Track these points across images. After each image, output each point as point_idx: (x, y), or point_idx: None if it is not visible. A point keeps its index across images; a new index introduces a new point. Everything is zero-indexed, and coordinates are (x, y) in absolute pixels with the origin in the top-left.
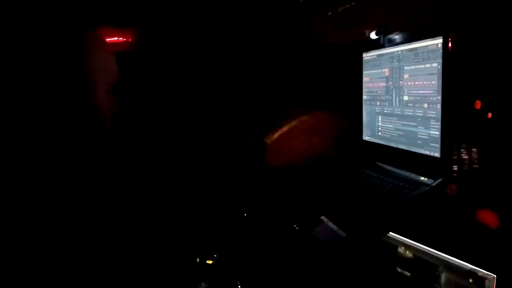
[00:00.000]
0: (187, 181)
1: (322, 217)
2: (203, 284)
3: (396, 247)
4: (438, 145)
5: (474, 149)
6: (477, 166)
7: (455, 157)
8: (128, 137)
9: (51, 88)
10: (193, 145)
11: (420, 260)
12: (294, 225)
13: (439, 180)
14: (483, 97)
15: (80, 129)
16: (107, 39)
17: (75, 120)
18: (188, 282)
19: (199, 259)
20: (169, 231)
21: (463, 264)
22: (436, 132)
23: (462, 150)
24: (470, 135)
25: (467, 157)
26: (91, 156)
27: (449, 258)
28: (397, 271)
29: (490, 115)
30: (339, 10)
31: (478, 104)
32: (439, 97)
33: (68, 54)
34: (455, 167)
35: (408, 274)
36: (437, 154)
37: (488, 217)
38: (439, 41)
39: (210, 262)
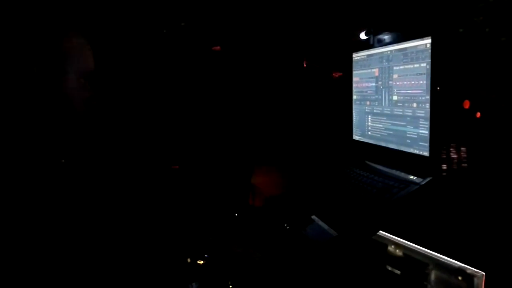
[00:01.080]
0: (177, 181)
1: (313, 217)
2: (193, 285)
3: (386, 246)
4: (427, 144)
5: (463, 148)
6: (466, 165)
7: (444, 156)
8: (121, 136)
9: (24, 74)
10: (182, 145)
11: (410, 259)
12: (285, 225)
13: (428, 179)
14: (471, 97)
15: (52, 116)
16: None
17: (47, 103)
18: (179, 283)
19: (190, 260)
20: (160, 232)
21: (452, 262)
22: (425, 131)
23: (451, 149)
24: (459, 134)
25: (456, 156)
26: (66, 146)
27: (438, 256)
28: (387, 269)
29: (478, 114)
30: None
31: (466, 104)
32: (428, 97)
33: (43, 43)
34: (444, 166)
35: (398, 272)
36: (426, 153)
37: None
38: (427, 41)
39: (201, 262)
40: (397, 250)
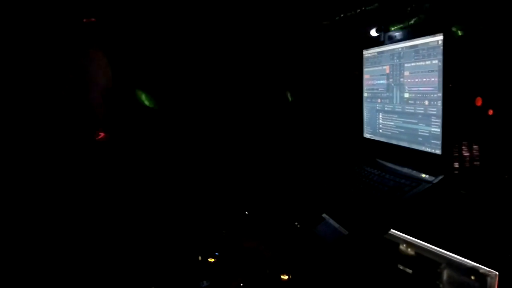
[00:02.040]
0: (189, 180)
1: (324, 215)
2: (204, 282)
3: (398, 245)
4: (439, 142)
5: (475, 146)
6: (478, 163)
7: (457, 154)
8: (136, 139)
9: (50, 89)
10: (193, 144)
11: (422, 258)
12: (296, 223)
13: (440, 177)
14: (484, 94)
15: (76, 126)
16: None
17: (71, 117)
18: (190, 280)
19: (201, 257)
20: (171, 230)
21: (465, 262)
22: (437, 129)
23: (463, 147)
24: (471, 132)
25: (468, 154)
26: (89, 154)
27: (451, 255)
28: (399, 268)
29: (491, 111)
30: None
31: (479, 101)
32: (440, 94)
33: (68, 59)
34: (456, 164)
35: (410, 271)
36: (438, 151)
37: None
38: (439, 38)
39: (212, 260)
40: (409, 249)
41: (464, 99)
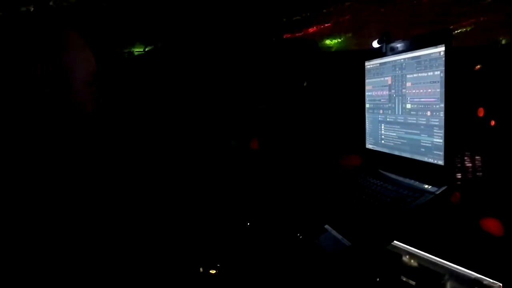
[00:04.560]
0: (189, 190)
1: (326, 226)
2: None
3: (401, 256)
4: (442, 153)
5: (477, 157)
6: (481, 173)
7: (459, 165)
8: (129, 140)
9: (29, 83)
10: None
11: (425, 269)
12: (298, 234)
13: (443, 188)
14: (486, 105)
15: (61, 122)
16: None
17: (56, 113)
18: None
19: (202, 269)
20: (172, 240)
21: (468, 273)
22: (439, 140)
23: (465, 158)
24: (473, 143)
25: (470, 164)
26: (76, 152)
27: (454, 267)
28: (402, 280)
29: (493, 122)
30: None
31: (481, 112)
32: (442, 105)
33: (44, 49)
34: (459, 175)
35: (413, 283)
36: (441, 162)
37: (492, 225)
38: (441, 49)
39: (213, 272)
40: (412, 261)
41: (467, 109)
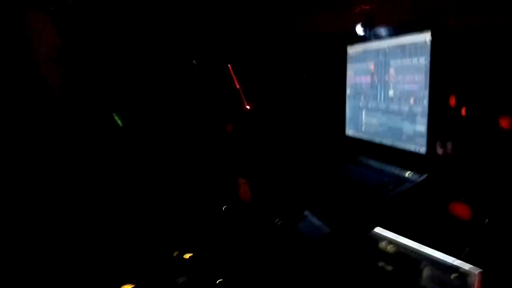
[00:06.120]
0: (165, 175)
1: (306, 212)
2: (180, 279)
3: (378, 241)
4: (424, 141)
5: (459, 145)
6: (462, 161)
7: (441, 153)
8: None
9: None
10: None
11: (402, 255)
12: (277, 220)
13: (424, 176)
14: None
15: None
16: None
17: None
18: (165, 277)
19: (177, 253)
20: (147, 225)
21: (447, 259)
22: (422, 128)
23: (447, 146)
24: (455, 131)
25: (452, 152)
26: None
27: (432, 253)
28: (378, 265)
29: (464, 111)
30: None
31: (453, 101)
32: (426, 92)
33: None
34: (440, 163)
35: (389, 268)
36: (423, 150)
37: (460, 210)
38: (427, 35)
39: (187, 256)
40: (389, 246)
41: (450, 98)
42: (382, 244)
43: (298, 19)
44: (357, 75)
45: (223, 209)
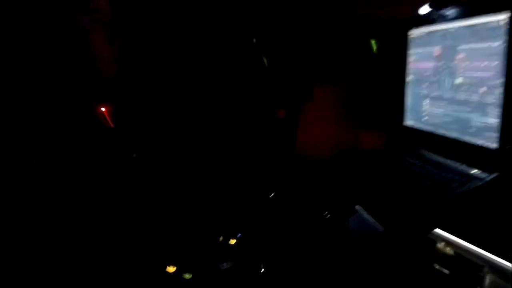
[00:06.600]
0: (213, 157)
1: (357, 207)
2: (225, 264)
3: (436, 242)
4: (496, 135)
5: None
6: None
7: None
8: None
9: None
10: (220, 122)
11: (462, 258)
12: (325, 213)
13: (494, 175)
14: None
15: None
16: None
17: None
18: (210, 262)
19: (222, 238)
20: (192, 209)
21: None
22: (494, 120)
23: None
24: None
25: None
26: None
27: (496, 259)
28: (435, 268)
29: None
30: None
31: None
32: (501, 81)
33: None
34: None
35: (446, 272)
36: (494, 145)
37: None
38: (503, 16)
39: (233, 242)
40: (448, 248)
41: None
42: (440, 245)
43: None
44: (419, 60)
45: (270, 197)
